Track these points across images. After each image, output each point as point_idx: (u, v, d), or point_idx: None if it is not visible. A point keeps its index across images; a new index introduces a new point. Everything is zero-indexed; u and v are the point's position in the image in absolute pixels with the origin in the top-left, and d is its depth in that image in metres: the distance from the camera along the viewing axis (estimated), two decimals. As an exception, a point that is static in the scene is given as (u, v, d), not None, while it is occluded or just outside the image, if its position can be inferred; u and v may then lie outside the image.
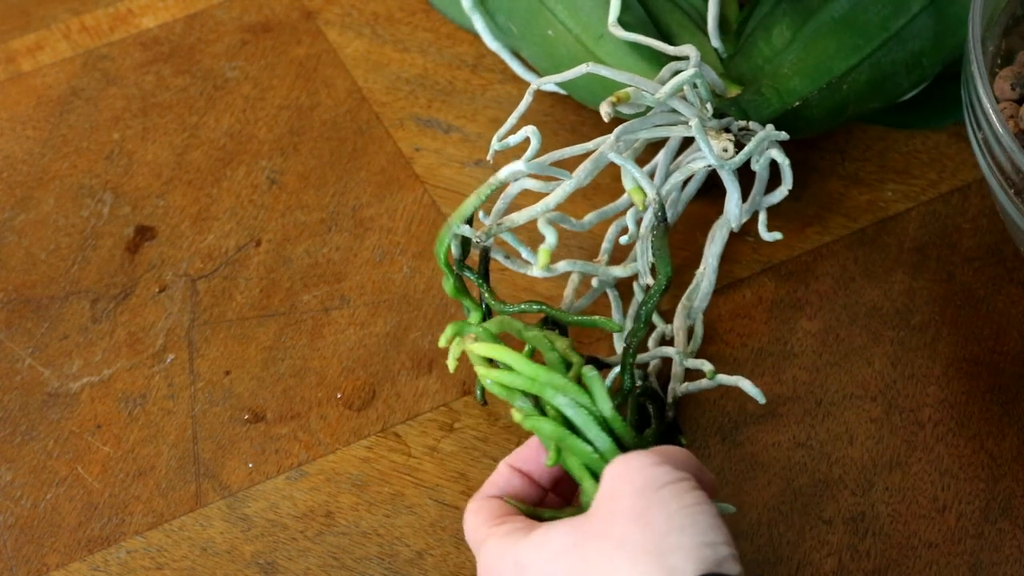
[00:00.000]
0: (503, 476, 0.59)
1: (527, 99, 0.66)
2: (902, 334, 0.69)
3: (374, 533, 0.64)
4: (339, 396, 0.68)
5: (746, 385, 0.66)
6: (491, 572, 0.55)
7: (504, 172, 0.63)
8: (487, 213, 0.67)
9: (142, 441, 0.67)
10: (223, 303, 0.71)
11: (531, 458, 0.59)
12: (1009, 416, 0.66)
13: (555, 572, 0.52)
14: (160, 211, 0.74)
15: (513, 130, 0.65)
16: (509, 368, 0.60)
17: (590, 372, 0.59)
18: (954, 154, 0.75)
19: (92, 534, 0.64)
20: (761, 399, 0.66)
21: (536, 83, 0.67)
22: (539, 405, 0.59)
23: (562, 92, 0.76)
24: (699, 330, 0.69)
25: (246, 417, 0.67)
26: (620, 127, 0.65)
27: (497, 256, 0.66)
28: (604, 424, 0.58)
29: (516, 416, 0.59)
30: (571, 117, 0.77)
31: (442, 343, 0.65)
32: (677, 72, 0.67)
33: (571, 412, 0.58)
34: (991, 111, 0.61)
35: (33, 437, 0.67)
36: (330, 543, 0.64)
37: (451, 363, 0.65)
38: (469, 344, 0.61)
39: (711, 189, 0.71)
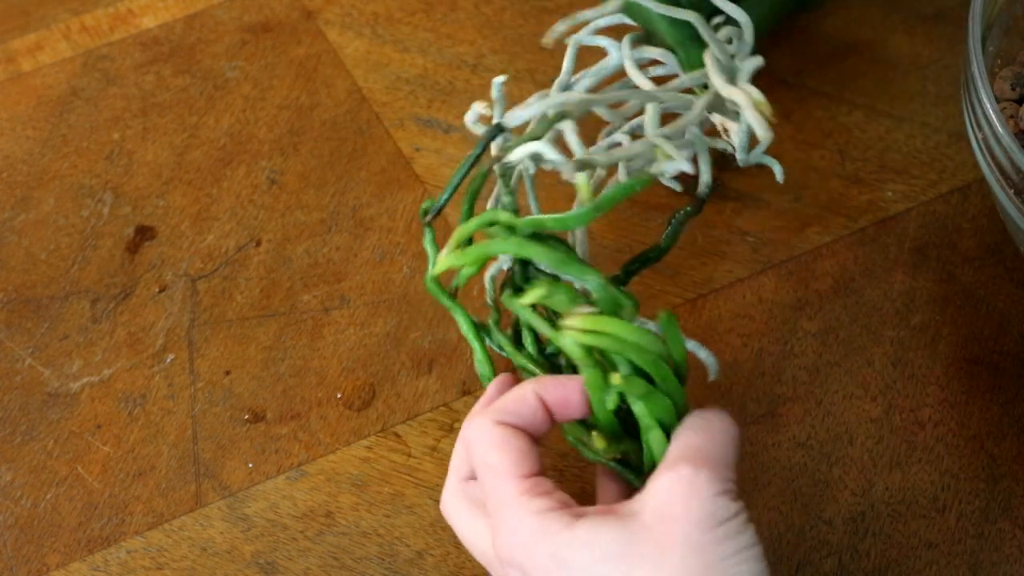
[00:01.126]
0: (528, 407, 0.54)
1: (615, 3, 0.65)
2: (902, 334, 0.69)
3: (374, 533, 0.64)
4: (339, 396, 0.68)
5: (702, 354, 0.63)
6: (517, 550, 0.52)
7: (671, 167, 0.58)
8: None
9: (142, 441, 0.67)
10: (223, 303, 0.71)
11: (566, 401, 0.55)
12: (1009, 416, 0.66)
13: None
14: (160, 211, 0.74)
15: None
16: (603, 333, 0.54)
17: (666, 316, 0.56)
18: (954, 154, 0.75)
19: (92, 534, 0.64)
20: (713, 373, 0.63)
21: (614, 4, 0.66)
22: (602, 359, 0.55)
23: None
24: (583, 237, 0.65)
25: (246, 417, 0.67)
26: (699, 104, 0.62)
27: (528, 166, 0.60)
28: (675, 372, 0.56)
29: (615, 379, 0.54)
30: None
31: (526, 301, 0.56)
32: (728, 36, 0.66)
33: (653, 370, 0.55)
34: (991, 111, 0.61)
35: (33, 437, 0.67)
36: (330, 543, 0.64)
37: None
38: (568, 321, 0.55)
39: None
